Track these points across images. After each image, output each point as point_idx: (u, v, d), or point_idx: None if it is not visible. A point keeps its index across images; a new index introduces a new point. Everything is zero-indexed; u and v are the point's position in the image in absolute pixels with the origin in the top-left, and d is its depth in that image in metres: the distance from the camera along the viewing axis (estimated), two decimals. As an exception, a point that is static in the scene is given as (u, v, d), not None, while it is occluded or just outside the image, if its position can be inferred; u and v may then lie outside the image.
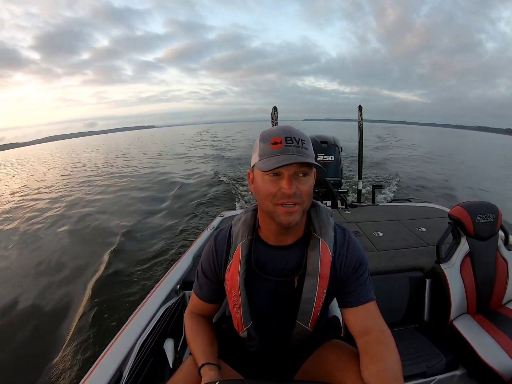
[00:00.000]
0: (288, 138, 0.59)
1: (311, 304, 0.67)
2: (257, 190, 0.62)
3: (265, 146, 0.60)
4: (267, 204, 0.60)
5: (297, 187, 0.58)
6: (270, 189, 0.59)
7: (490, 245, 1.33)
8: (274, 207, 0.60)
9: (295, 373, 0.75)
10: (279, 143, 0.59)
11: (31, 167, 18.71)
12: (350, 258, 0.69)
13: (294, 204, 0.59)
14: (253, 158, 0.64)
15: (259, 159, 0.61)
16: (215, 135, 33.31)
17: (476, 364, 1.09)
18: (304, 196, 0.60)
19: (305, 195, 0.60)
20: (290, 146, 0.58)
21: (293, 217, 0.60)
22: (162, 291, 1.24)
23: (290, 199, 0.58)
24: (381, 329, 0.65)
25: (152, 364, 1.05)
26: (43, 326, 2.49)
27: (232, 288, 0.69)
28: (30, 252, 4.27)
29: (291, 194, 0.58)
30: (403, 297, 1.44)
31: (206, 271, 0.74)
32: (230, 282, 0.69)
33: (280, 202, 0.59)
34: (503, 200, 5.84)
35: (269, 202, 0.60)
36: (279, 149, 0.58)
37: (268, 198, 0.59)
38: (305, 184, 0.60)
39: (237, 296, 0.69)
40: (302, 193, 0.59)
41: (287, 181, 0.58)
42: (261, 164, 0.59)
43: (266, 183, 0.59)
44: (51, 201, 7.38)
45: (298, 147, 0.59)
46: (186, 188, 7.57)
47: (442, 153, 16.40)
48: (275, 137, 0.59)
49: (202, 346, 0.70)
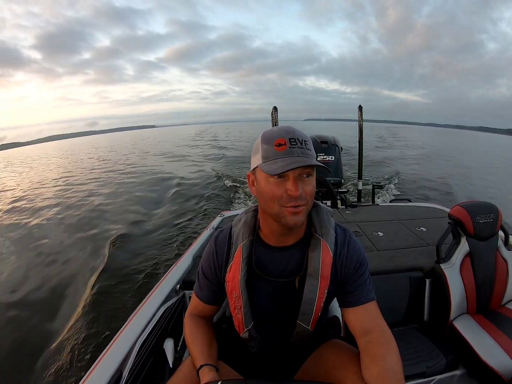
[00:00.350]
0: (292, 139, 0.58)
1: (312, 305, 0.67)
2: (260, 192, 0.62)
3: (268, 148, 0.59)
4: (273, 206, 0.60)
5: (302, 188, 0.58)
6: (275, 191, 0.58)
7: (490, 245, 1.33)
8: (281, 209, 0.59)
9: (295, 373, 0.75)
10: (283, 144, 0.58)
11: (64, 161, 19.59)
12: (350, 258, 0.69)
13: (299, 205, 0.59)
14: (255, 160, 0.62)
15: (262, 161, 0.60)
16: (216, 136, 33.35)
17: (476, 364, 1.09)
18: (308, 197, 0.60)
19: (309, 196, 0.60)
20: (294, 148, 0.58)
21: (299, 217, 0.60)
22: (162, 290, 1.24)
23: (296, 201, 0.58)
24: (382, 329, 0.65)
25: (152, 364, 1.05)
26: (43, 326, 2.49)
27: (233, 289, 0.69)
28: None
29: (298, 196, 0.58)
30: (403, 297, 1.44)
31: (207, 272, 0.74)
32: (231, 284, 0.69)
33: (288, 205, 0.58)
34: (503, 200, 5.84)
35: (275, 204, 0.59)
36: (283, 151, 0.58)
37: (274, 200, 0.59)
38: (309, 185, 0.60)
39: (238, 297, 0.69)
40: (306, 194, 0.59)
41: (293, 183, 0.57)
42: (266, 166, 0.58)
43: (271, 186, 0.59)
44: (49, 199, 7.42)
45: (302, 148, 0.59)
46: (186, 188, 7.57)
47: (442, 153, 16.41)
48: (278, 138, 0.59)
49: (201, 348, 0.69)
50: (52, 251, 4.13)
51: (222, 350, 0.75)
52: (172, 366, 1.06)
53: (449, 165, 11.68)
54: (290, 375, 0.75)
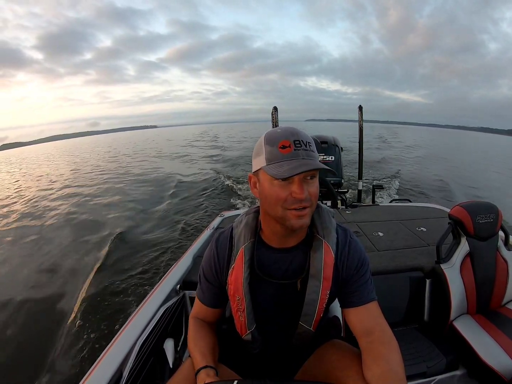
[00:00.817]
0: (296, 141, 0.58)
1: (314, 306, 0.67)
2: (264, 194, 0.61)
3: (272, 150, 0.58)
4: (277, 209, 0.59)
5: (307, 190, 0.58)
6: (280, 194, 0.58)
7: (490, 245, 1.33)
8: (285, 212, 0.59)
9: (295, 373, 0.75)
10: (287, 147, 0.57)
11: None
12: (352, 258, 0.69)
13: (304, 207, 0.58)
14: (258, 162, 0.61)
15: (266, 163, 0.59)
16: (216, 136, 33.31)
17: (476, 364, 1.09)
18: (313, 199, 0.60)
19: (313, 198, 0.60)
20: (299, 150, 0.57)
21: (304, 220, 0.59)
22: (162, 291, 1.23)
23: (301, 203, 0.58)
24: (383, 329, 0.65)
25: (152, 364, 1.05)
26: (42, 324, 2.49)
27: (235, 292, 0.69)
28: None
29: (303, 199, 0.57)
30: (403, 297, 1.44)
31: (208, 275, 0.74)
32: (234, 286, 0.69)
33: (292, 207, 0.58)
34: (504, 200, 5.84)
35: (279, 207, 0.59)
36: (289, 153, 0.57)
37: (279, 203, 0.58)
38: (313, 186, 0.59)
39: (241, 300, 0.68)
40: (311, 196, 0.59)
41: (299, 186, 0.57)
42: (271, 169, 0.57)
43: (276, 188, 0.58)
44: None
45: (307, 150, 0.58)
46: (186, 187, 7.57)
47: (443, 154, 16.41)
48: (283, 140, 0.58)
49: (202, 350, 0.69)
50: (51, 249, 4.16)
51: (222, 352, 0.74)
52: (172, 366, 1.06)
53: (449, 166, 11.68)
54: (291, 375, 0.75)
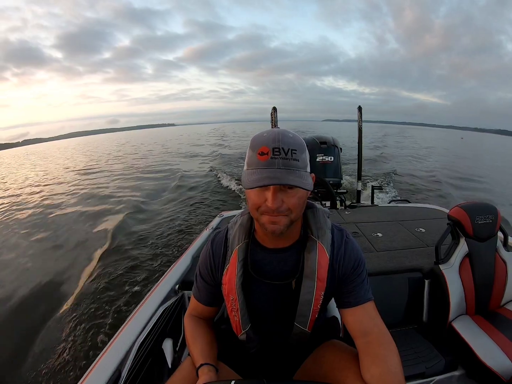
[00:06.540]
0: (276, 148, 0.54)
1: (309, 307, 0.67)
2: (247, 197, 0.62)
3: (252, 155, 0.57)
4: (253, 212, 0.61)
5: (282, 200, 0.57)
6: (255, 200, 0.58)
7: (489, 246, 1.33)
8: (260, 216, 0.60)
9: (294, 372, 0.75)
10: (265, 154, 0.55)
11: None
12: (348, 258, 0.68)
13: (278, 215, 0.58)
14: (244, 164, 0.62)
15: (246, 167, 0.59)
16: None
17: (475, 365, 1.09)
18: (292, 208, 0.58)
19: (293, 207, 0.58)
20: (276, 159, 0.54)
21: (277, 226, 0.59)
22: (161, 291, 1.24)
23: (273, 213, 0.57)
24: (381, 330, 0.65)
25: (151, 364, 1.05)
26: (41, 326, 2.49)
27: (229, 292, 0.69)
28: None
29: (275, 209, 0.57)
30: (402, 298, 1.44)
31: (204, 274, 0.74)
32: (228, 286, 0.69)
33: (266, 213, 0.58)
34: (503, 201, 5.85)
35: (254, 211, 0.60)
36: (265, 161, 0.55)
37: (254, 207, 0.59)
38: (292, 197, 0.57)
39: (235, 300, 0.69)
40: (289, 206, 0.57)
41: (272, 196, 0.56)
42: (245, 175, 0.58)
43: (251, 194, 0.59)
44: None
45: (286, 159, 0.54)
46: (186, 187, 7.57)
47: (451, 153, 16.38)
48: (262, 146, 0.56)
49: (202, 347, 0.70)
50: (48, 246, 4.21)
51: (221, 351, 0.75)
52: (171, 366, 1.06)
53: (450, 165, 11.71)
54: (290, 375, 0.75)
